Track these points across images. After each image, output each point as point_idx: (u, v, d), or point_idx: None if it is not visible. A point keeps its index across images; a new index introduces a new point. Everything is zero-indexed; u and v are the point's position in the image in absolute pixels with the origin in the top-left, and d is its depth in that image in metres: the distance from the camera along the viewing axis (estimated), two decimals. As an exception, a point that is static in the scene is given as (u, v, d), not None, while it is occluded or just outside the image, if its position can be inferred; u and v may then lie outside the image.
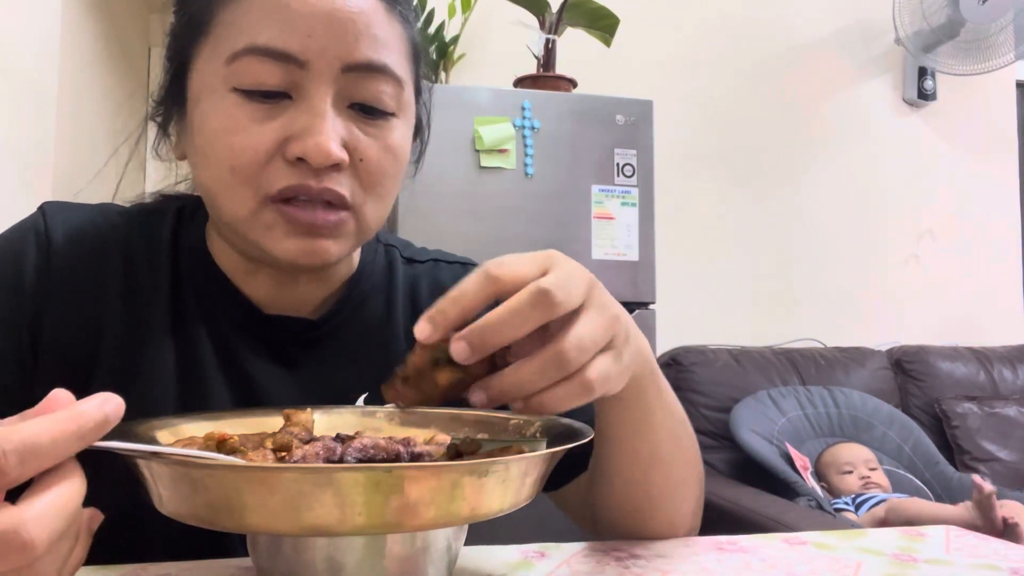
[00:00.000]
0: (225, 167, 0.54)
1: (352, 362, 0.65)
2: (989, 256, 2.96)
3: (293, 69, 0.53)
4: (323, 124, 0.53)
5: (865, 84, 2.88)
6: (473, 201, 1.90)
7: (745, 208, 2.74)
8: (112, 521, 0.58)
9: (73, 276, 0.60)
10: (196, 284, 0.63)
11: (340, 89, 0.54)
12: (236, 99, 0.53)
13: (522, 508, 0.42)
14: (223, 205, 0.55)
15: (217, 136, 0.54)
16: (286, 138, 0.53)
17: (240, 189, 0.54)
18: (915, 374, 2.51)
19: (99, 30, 1.89)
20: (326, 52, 0.53)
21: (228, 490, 0.35)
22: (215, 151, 0.54)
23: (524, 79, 2.10)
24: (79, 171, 1.74)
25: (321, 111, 0.53)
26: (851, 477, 2.02)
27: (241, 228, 0.56)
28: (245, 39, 0.52)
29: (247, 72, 0.53)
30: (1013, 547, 0.58)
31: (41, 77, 1.52)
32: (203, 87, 0.55)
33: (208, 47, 0.55)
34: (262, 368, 0.63)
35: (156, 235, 0.64)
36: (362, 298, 0.67)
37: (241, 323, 0.63)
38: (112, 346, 0.60)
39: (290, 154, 0.53)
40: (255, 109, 0.53)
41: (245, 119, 0.53)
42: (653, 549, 0.56)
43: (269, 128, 0.53)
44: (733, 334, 2.59)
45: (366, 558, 0.41)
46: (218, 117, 0.53)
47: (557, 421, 0.53)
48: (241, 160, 0.53)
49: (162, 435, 0.49)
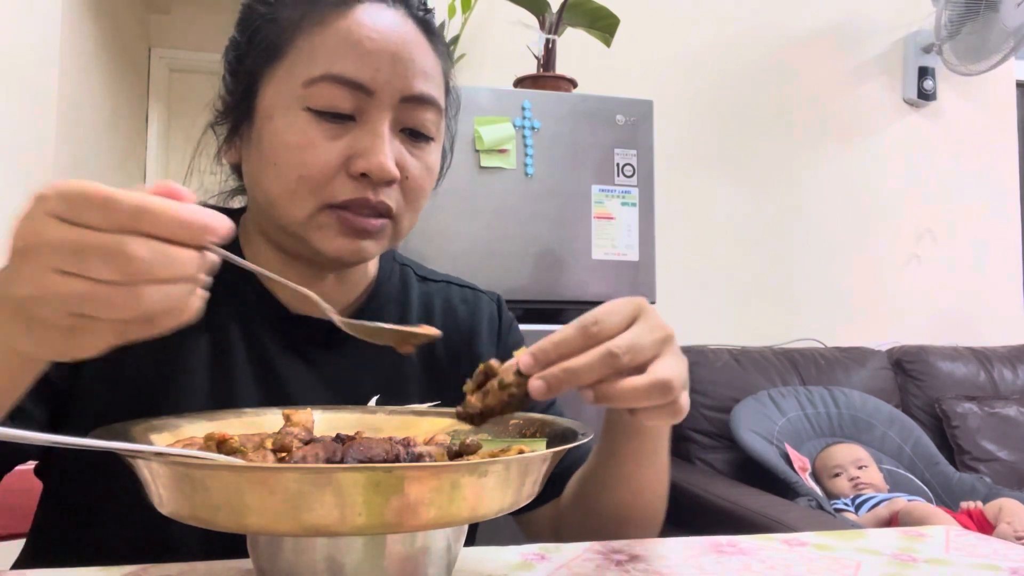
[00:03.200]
0: (294, 176, 0.61)
1: (368, 366, 0.70)
2: (989, 256, 2.96)
3: (361, 96, 0.61)
4: (384, 146, 0.61)
5: (865, 84, 2.88)
6: (473, 201, 1.90)
7: (745, 208, 2.74)
8: (127, 522, 0.60)
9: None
10: (229, 282, 0.66)
11: (396, 116, 0.63)
12: (308, 118, 0.60)
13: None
14: (284, 208, 0.62)
15: (289, 150, 0.61)
16: (351, 155, 0.61)
17: (304, 196, 0.61)
18: (915, 374, 2.51)
19: (99, 30, 1.89)
20: (390, 84, 0.61)
21: (228, 490, 0.35)
22: (286, 162, 0.61)
23: (524, 79, 2.09)
24: (79, 170, 1.74)
25: (382, 134, 0.61)
26: (841, 480, 2.02)
27: (295, 228, 0.63)
28: (324, 67, 0.60)
29: (323, 95, 0.60)
30: (1013, 547, 0.58)
31: (41, 77, 1.52)
32: (276, 105, 0.62)
33: (284, 69, 0.62)
34: (287, 364, 0.67)
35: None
36: (379, 308, 0.73)
37: (270, 320, 0.68)
38: (147, 344, 0.62)
39: (355, 170, 0.60)
40: (326, 128, 0.61)
41: (317, 136, 0.60)
42: (653, 551, 0.56)
43: (336, 145, 0.61)
44: (733, 334, 2.59)
45: (366, 558, 0.41)
46: (292, 133, 0.61)
47: (557, 421, 0.53)
48: (311, 172, 0.60)
49: (162, 435, 0.49)
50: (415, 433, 0.55)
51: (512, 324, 0.82)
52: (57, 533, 0.64)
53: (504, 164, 1.92)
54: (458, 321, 0.77)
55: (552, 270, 1.93)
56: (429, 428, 0.57)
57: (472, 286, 0.83)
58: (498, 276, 1.86)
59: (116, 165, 2.38)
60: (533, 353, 0.48)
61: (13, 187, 1.42)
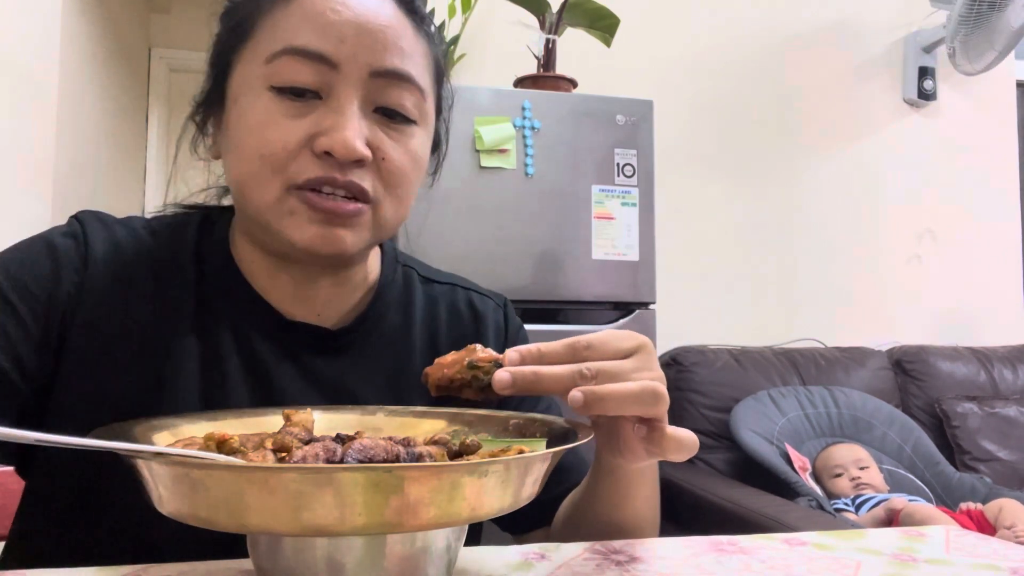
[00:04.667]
0: (256, 156, 0.58)
1: (368, 373, 0.67)
2: (989, 256, 2.96)
3: (325, 70, 0.57)
4: (349, 122, 0.57)
5: (865, 84, 2.88)
6: (473, 201, 1.90)
7: (745, 208, 2.74)
8: (114, 522, 0.59)
9: (105, 287, 0.62)
10: (221, 288, 0.66)
11: (367, 93, 0.59)
12: (271, 96, 0.58)
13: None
14: (251, 194, 0.59)
15: (251, 130, 0.58)
16: (315, 133, 0.57)
17: (269, 178, 0.58)
18: (915, 374, 2.51)
19: (99, 30, 1.89)
20: (356, 57, 0.58)
21: (228, 490, 0.35)
22: (248, 143, 0.58)
23: (524, 79, 2.10)
24: (79, 171, 1.74)
25: (348, 111, 0.58)
26: (842, 480, 2.02)
27: (265, 216, 0.59)
28: (284, 41, 0.58)
29: (284, 71, 0.57)
30: (1013, 547, 0.58)
31: (41, 77, 1.52)
32: (242, 87, 0.59)
33: (249, 50, 0.60)
34: (282, 372, 0.65)
35: (181, 247, 0.67)
36: (381, 312, 0.70)
37: (263, 327, 0.65)
38: (138, 350, 0.61)
39: (318, 148, 0.57)
40: (288, 106, 0.57)
41: (279, 114, 0.57)
42: (653, 551, 0.56)
43: (300, 124, 0.57)
44: (733, 334, 2.59)
45: (366, 558, 0.41)
46: (255, 112, 0.58)
47: (558, 422, 0.53)
48: (272, 150, 0.57)
49: (162, 435, 0.49)
50: (415, 433, 0.55)
51: (520, 329, 0.79)
52: (39, 534, 0.62)
53: (504, 164, 1.92)
54: (463, 327, 0.74)
55: (552, 270, 1.93)
56: (429, 428, 0.57)
57: (478, 289, 0.79)
58: (498, 276, 1.86)
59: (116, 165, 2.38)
60: (520, 350, 0.49)
61: (13, 187, 1.42)
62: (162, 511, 0.39)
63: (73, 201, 1.64)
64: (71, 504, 0.60)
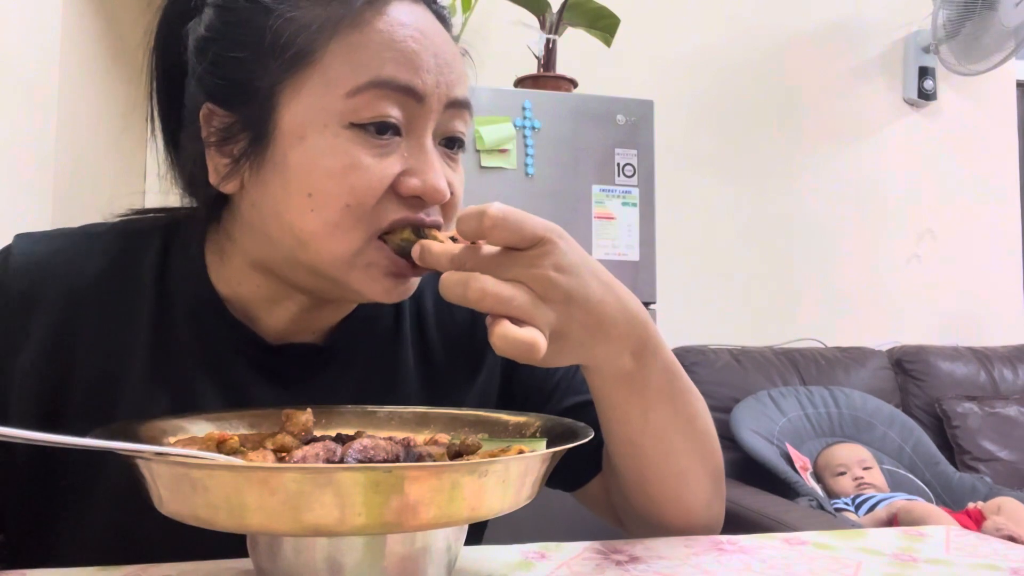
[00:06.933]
0: (340, 206, 0.51)
1: (359, 382, 0.64)
2: (989, 256, 2.96)
3: (412, 104, 0.53)
4: (435, 162, 0.54)
5: (865, 84, 2.88)
6: (473, 201, 1.87)
7: (745, 208, 2.74)
8: (114, 522, 0.59)
9: (30, 319, 0.57)
10: (190, 314, 0.59)
11: (439, 124, 0.55)
12: (351, 135, 0.51)
13: (522, 508, 0.42)
14: (322, 245, 0.52)
15: (333, 175, 0.51)
16: (400, 174, 0.52)
17: (352, 227, 0.52)
18: (915, 374, 2.51)
19: (99, 30, 1.89)
20: (437, 88, 0.54)
21: (228, 490, 0.35)
22: (329, 190, 0.51)
23: (524, 79, 2.10)
24: (79, 171, 1.74)
25: (429, 148, 0.54)
26: (845, 479, 2.02)
27: (337, 269, 0.53)
28: (368, 72, 0.51)
29: (368, 106, 0.51)
30: (1013, 547, 0.58)
31: (41, 77, 1.52)
32: (309, 122, 0.51)
33: (315, 80, 0.51)
34: (267, 395, 0.60)
35: (135, 264, 0.60)
36: (371, 312, 0.65)
37: (244, 352, 0.60)
38: (84, 387, 0.57)
39: (406, 190, 0.52)
40: (372, 145, 0.52)
41: (364, 156, 0.51)
42: (653, 550, 0.56)
43: (385, 165, 0.52)
44: (733, 334, 2.59)
45: (366, 558, 0.41)
46: (336, 155, 0.51)
47: (558, 421, 0.53)
48: (361, 199, 0.51)
49: (162, 436, 0.49)
50: (415, 433, 0.55)
51: None
52: (13, 539, 0.60)
53: (505, 164, 1.92)
54: (453, 313, 0.70)
55: (552, 270, 1.93)
56: (429, 429, 0.57)
57: None
58: (498, 276, 1.86)
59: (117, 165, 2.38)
60: (461, 225, 0.48)
61: (13, 187, 1.42)
62: (162, 511, 0.39)
63: (73, 201, 1.64)
64: (39, 511, 0.58)
